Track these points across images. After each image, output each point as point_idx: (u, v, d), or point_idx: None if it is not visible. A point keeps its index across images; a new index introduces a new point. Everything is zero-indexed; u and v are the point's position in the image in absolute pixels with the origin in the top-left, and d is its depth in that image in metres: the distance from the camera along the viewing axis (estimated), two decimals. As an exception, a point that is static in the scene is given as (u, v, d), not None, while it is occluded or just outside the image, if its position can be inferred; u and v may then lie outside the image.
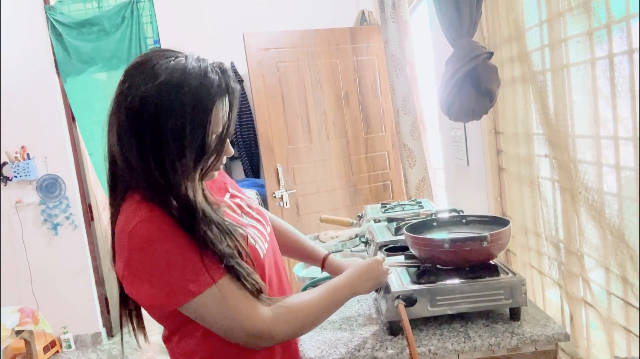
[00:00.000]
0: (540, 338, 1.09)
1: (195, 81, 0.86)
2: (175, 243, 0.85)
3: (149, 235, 0.85)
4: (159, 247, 0.85)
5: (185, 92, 0.85)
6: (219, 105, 0.88)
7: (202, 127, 0.87)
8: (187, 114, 0.85)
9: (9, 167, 3.79)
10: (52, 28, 3.74)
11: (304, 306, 0.97)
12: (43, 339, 3.68)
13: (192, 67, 0.87)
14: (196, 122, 0.86)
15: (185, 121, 0.85)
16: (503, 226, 1.19)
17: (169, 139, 0.85)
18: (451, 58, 1.44)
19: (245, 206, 1.11)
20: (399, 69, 2.75)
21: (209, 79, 0.87)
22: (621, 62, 1.02)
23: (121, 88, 0.89)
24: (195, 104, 0.85)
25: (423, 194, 2.71)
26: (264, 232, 1.09)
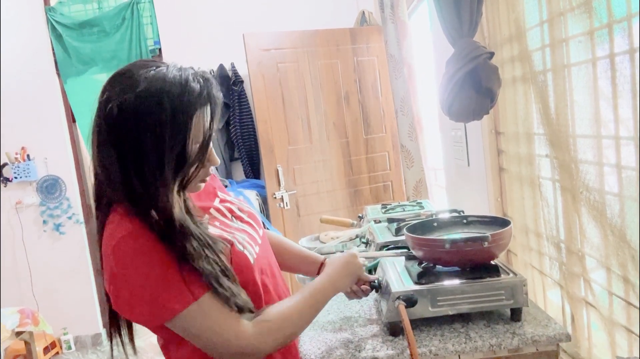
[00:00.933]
0: (542, 339, 1.08)
1: (175, 89, 0.84)
2: (156, 259, 0.84)
3: (130, 251, 0.84)
4: (140, 264, 0.83)
5: (164, 100, 0.83)
6: (199, 114, 0.87)
7: (182, 136, 0.85)
8: (166, 122, 0.83)
9: (9, 168, 3.79)
10: (52, 29, 3.74)
11: (288, 314, 0.95)
12: (43, 341, 3.67)
13: (172, 75, 0.86)
14: (176, 130, 0.84)
15: (165, 129, 0.83)
16: (504, 226, 1.18)
17: (148, 148, 0.83)
18: (452, 58, 1.44)
19: (236, 209, 1.10)
20: (397, 70, 2.75)
21: (190, 87, 0.86)
22: (622, 61, 1.01)
23: (100, 99, 0.87)
24: (175, 112, 0.84)
25: (420, 195, 2.71)
26: (255, 236, 1.07)
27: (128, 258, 0.84)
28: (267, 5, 3.73)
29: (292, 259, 1.30)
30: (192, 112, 0.86)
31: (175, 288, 0.84)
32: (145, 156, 0.84)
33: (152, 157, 0.84)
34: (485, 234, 1.12)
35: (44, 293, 3.89)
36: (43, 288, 3.90)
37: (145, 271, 0.84)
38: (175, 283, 0.84)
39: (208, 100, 0.88)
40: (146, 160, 0.84)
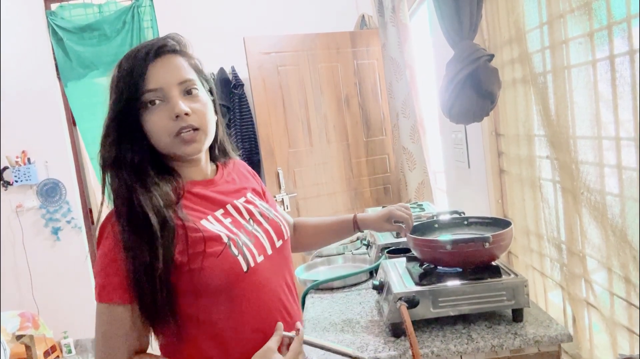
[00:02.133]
0: (543, 339, 1.09)
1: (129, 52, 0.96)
2: (108, 250, 0.88)
3: (100, 234, 0.91)
4: (101, 248, 0.90)
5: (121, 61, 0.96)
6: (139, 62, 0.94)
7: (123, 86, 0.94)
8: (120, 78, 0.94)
9: (9, 172, 3.79)
10: (53, 33, 3.75)
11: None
12: (43, 344, 3.67)
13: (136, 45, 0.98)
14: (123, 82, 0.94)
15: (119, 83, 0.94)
16: (505, 227, 1.18)
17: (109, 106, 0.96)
18: (452, 60, 1.44)
19: (258, 213, 1.06)
20: (398, 73, 2.76)
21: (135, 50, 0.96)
22: (622, 62, 1.02)
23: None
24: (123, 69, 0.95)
25: (423, 197, 2.71)
26: (265, 245, 1.01)
27: (100, 240, 0.91)
28: (268, 9, 3.74)
29: (323, 233, 1.34)
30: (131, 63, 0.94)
31: (110, 283, 0.87)
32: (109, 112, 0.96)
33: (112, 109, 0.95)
34: (486, 235, 1.12)
35: (45, 296, 3.89)
36: (43, 291, 3.89)
37: (101, 257, 0.89)
38: (110, 280, 0.88)
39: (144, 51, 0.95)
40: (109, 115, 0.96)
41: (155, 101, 0.93)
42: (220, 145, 1.11)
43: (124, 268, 0.87)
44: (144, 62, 0.93)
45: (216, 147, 1.09)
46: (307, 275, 1.76)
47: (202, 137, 0.96)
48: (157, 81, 0.93)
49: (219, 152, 1.11)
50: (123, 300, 0.87)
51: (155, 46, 0.94)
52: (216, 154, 1.10)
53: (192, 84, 0.96)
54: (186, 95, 0.95)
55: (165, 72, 0.94)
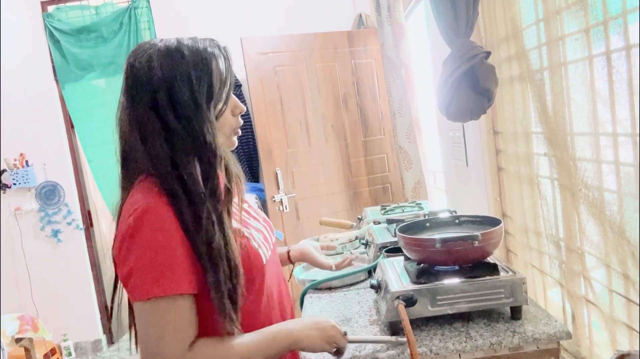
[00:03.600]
0: (542, 337, 1.08)
1: (190, 42, 0.93)
2: (164, 240, 0.85)
3: (147, 222, 0.85)
4: (149, 237, 0.85)
5: (184, 50, 0.91)
6: (215, 62, 0.94)
7: (206, 77, 0.91)
8: (190, 67, 0.90)
9: (7, 174, 3.79)
10: (50, 35, 3.75)
11: (233, 353, 0.89)
12: (43, 347, 3.66)
13: (182, 38, 0.95)
14: (200, 73, 0.91)
15: (190, 73, 0.90)
16: (494, 225, 1.18)
17: (180, 92, 0.90)
18: (448, 58, 1.44)
19: (253, 212, 1.13)
20: (394, 72, 2.76)
21: (201, 42, 0.94)
22: (619, 58, 1.01)
23: (125, 65, 0.94)
24: (195, 59, 0.91)
25: (419, 196, 2.71)
26: (269, 240, 1.09)
27: (140, 229, 0.85)
28: (264, 9, 3.74)
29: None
30: (209, 58, 0.93)
31: (166, 274, 0.84)
32: (179, 94, 0.90)
33: (186, 97, 0.90)
34: (475, 233, 1.11)
35: (44, 299, 3.88)
36: (43, 294, 3.89)
37: (148, 247, 0.84)
38: (166, 270, 0.84)
39: (221, 54, 0.95)
40: (181, 97, 0.90)
41: (229, 95, 0.97)
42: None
43: (186, 256, 0.86)
44: (225, 60, 0.96)
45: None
46: (305, 275, 1.75)
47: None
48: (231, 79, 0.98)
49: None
50: (188, 289, 0.86)
51: (223, 47, 0.98)
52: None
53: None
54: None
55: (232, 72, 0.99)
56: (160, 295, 0.84)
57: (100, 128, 3.91)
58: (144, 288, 0.84)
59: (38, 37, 3.75)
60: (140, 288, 0.85)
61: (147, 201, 0.86)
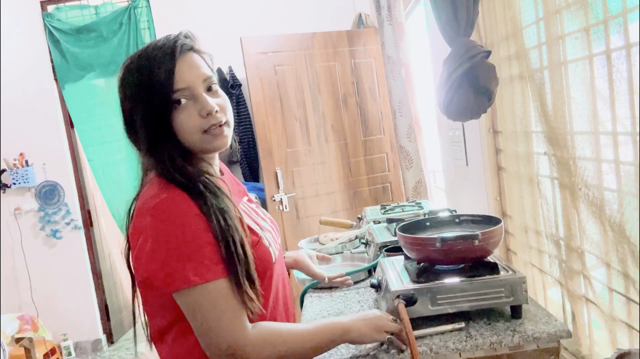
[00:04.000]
0: (543, 336, 1.08)
1: (147, 47, 0.95)
2: (192, 228, 0.86)
3: (171, 212, 0.86)
4: (175, 226, 0.85)
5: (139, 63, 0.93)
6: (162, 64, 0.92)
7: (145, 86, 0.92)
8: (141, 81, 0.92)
9: (7, 174, 3.78)
10: (49, 35, 3.75)
11: (289, 337, 0.93)
12: (43, 347, 3.65)
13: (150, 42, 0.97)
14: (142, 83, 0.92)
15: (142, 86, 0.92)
16: (495, 224, 1.18)
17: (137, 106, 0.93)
18: (449, 57, 1.44)
19: (261, 213, 1.16)
20: (395, 71, 2.76)
21: (156, 43, 0.95)
22: (619, 57, 1.01)
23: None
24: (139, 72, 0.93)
25: (420, 196, 2.71)
26: (277, 240, 1.12)
27: (166, 217, 0.86)
28: (264, 8, 3.74)
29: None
30: (153, 64, 0.92)
31: (200, 260, 0.85)
32: (129, 117, 0.95)
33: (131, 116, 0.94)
34: (476, 232, 1.11)
35: (44, 299, 3.88)
36: (42, 294, 3.89)
37: (177, 234, 0.85)
38: (200, 256, 0.86)
39: (166, 50, 0.93)
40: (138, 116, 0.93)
41: (181, 100, 0.93)
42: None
43: (211, 242, 0.87)
44: (169, 62, 0.92)
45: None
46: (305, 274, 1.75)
47: (228, 131, 0.99)
48: (184, 80, 0.93)
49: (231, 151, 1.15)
50: (223, 273, 0.87)
51: (174, 45, 0.94)
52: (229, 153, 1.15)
53: (212, 80, 0.97)
54: (208, 92, 0.96)
55: (189, 70, 0.94)
56: (200, 282, 0.85)
57: (100, 128, 3.91)
58: (181, 277, 0.85)
59: (38, 36, 3.75)
60: (177, 278, 0.85)
61: (165, 195, 0.88)
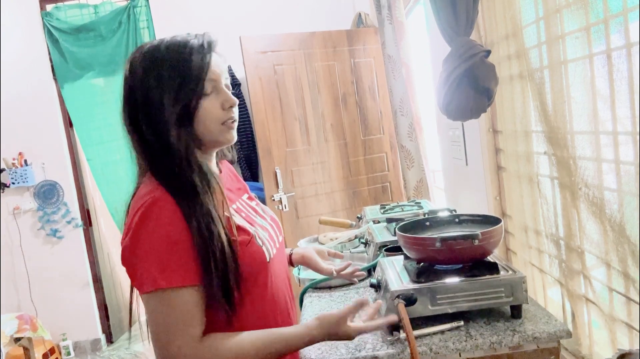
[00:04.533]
0: (542, 335, 1.08)
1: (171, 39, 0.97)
2: (168, 234, 0.87)
3: (152, 217, 0.88)
4: (154, 233, 0.87)
5: (161, 50, 0.95)
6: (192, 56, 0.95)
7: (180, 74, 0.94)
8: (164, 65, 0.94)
9: (6, 174, 3.78)
10: (48, 34, 3.74)
11: (236, 350, 0.90)
12: (42, 346, 3.65)
13: (172, 37, 0.98)
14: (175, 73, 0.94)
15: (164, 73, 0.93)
16: (494, 224, 1.18)
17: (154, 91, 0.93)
18: (448, 57, 1.43)
19: (260, 210, 1.16)
20: (395, 71, 2.75)
21: (184, 39, 0.97)
22: (619, 56, 1.01)
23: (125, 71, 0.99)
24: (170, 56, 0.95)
25: (421, 195, 2.71)
26: (275, 238, 1.10)
27: (148, 222, 0.88)
28: (264, 8, 3.73)
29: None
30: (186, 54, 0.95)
31: (171, 266, 0.87)
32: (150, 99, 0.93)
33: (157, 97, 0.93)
34: (476, 232, 1.11)
35: (43, 298, 3.88)
36: (41, 293, 3.88)
37: (154, 240, 0.87)
38: (173, 261, 0.87)
39: (201, 46, 0.97)
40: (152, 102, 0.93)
41: (209, 91, 0.97)
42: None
43: (190, 248, 0.88)
44: (206, 53, 0.97)
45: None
46: (305, 274, 1.75)
47: (236, 127, 1.03)
48: (214, 72, 0.97)
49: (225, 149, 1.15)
50: (193, 281, 0.88)
51: (207, 40, 0.98)
52: (224, 151, 1.16)
53: (228, 79, 1.03)
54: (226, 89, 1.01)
55: (217, 64, 0.99)
56: (165, 287, 0.86)
57: (99, 127, 3.90)
58: (150, 279, 0.86)
59: (37, 36, 3.74)
60: (146, 280, 0.87)
61: (153, 195, 0.90)
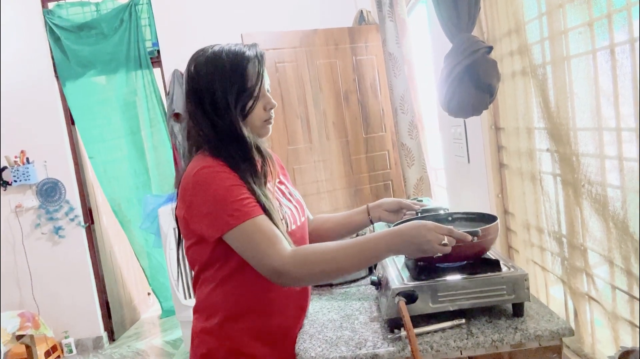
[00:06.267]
0: (545, 334, 1.07)
1: (232, 51, 1.18)
2: (225, 184, 1.09)
3: (206, 177, 1.09)
4: (212, 187, 1.08)
5: (223, 58, 1.16)
6: (250, 66, 1.17)
7: (239, 79, 1.15)
8: (227, 71, 1.15)
9: (8, 172, 3.78)
10: (50, 32, 3.74)
11: (327, 252, 1.07)
12: (44, 344, 3.66)
13: (230, 45, 1.20)
14: (235, 76, 1.15)
15: (226, 76, 1.15)
16: (489, 222, 1.17)
17: (217, 90, 1.14)
18: (450, 53, 1.42)
19: (287, 193, 1.33)
20: (397, 68, 2.74)
21: (241, 49, 1.18)
22: (623, 52, 1.00)
23: (185, 78, 1.21)
24: (231, 64, 1.15)
25: (422, 193, 2.69)
26: (297, 217, 1.28)
27: (203, 181, 1.09)
28: (265, 5, 3.72)
29: (340, 224, 1.48)
30: (244, 62, 1.16)
31: (235, 207, 1.07)
32: (216, 96, 1.15)
33: (221, 95, 1.15)
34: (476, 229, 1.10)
35: (45, 296, 3.89)
36: (44, 291, 3.89)
37: (214, 193, 1.08)
38: (235, 203, 1.07)
39: (255, 57, 1.18)
40: (217, 98, 1.15)
41: (259, 95, 1.18)
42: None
43: (247, 192, 1.10)
44: (258, 65, 1.18)
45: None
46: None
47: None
48: (266, 81, 1.21)
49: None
50: (258, 213, 1.09)
51: (259, 53, 1.20)
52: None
53: (268, 83, 1.24)
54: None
55: (265, 74, 1.21)
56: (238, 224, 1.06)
57: (101, 125, 3.91)
58: (224, 222, 1.07)
59: (38, 34, 3.75)
60: (221, 223, 1.07)
61: (203, 163, 1.12)
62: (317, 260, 1.06)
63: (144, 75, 3.82)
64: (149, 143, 3.95)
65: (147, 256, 4.12)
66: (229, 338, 1.18)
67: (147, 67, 3.78)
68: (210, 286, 1.19)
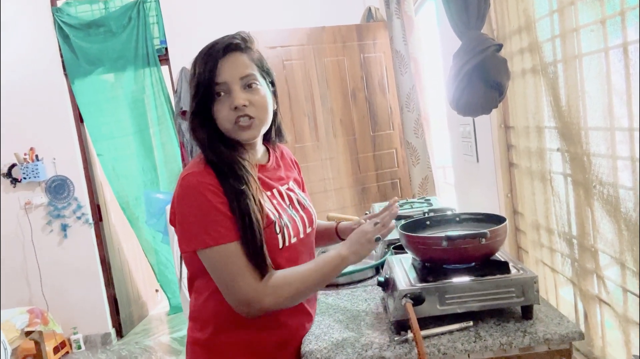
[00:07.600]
0: (554, 337, 1.05)
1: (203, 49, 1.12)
2: (208, 199, 1.03)
3: (191, 186, 1.05)
4: (194, 199, 1.04)
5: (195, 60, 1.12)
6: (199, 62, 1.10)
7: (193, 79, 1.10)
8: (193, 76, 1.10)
9: (17, 169, 3.81)
10: (59, 30, 3.75)
11: (295, 278, 1.07)
12: (53, 340, 3.69)
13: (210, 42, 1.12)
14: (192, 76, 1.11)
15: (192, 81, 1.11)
16: (497, 223, 1.16)
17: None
18: (459, 51, 1.41)
19: (296, 201, 1.24)
20: (403, 66, 2.72)
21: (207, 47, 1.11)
22: (636, 50, 0.98)
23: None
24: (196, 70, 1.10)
25: (427, 192, 2.68)
26: (300, 229, 1.20)
27: (184, 193, 1.05)
28: (273, 3, 3.71)
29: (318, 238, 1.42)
30: (197, 59, 1.11)
31: (214, 226, 1.03)
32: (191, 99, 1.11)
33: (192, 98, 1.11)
34: (484, 231, 1.09)
35: (54, 292, 3.91)
36: (52, 287, 3.92)
37: (196, 205, 1.04)
38: (215, 223, 1.03)
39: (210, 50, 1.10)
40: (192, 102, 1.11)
41: (220, 93, 1.08)
42: (277, 129, 1.26)
43: (227, 213, 1.04)
44: (215, 59, 1.08)
45: (273, 130, 1.24)
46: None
47: (258, 125, 1.12)
48: (223, 76, 1.08)
49: (275, 135, 1.26)
50: (234, 238, 1.04)
51: (223, 44, 1.09)
52: (272, 137, 1.25)
53: (252, 79, 1.10)
54: (247, 89, 1.10)
55: (230, 68, 1.08)
56: (214, 244, 1.03)
57: (109, 123, 3.92)
58: (201, 239, 1.03)
59: (47, 31, 3.76)
60: (198, 240, 1.04)
61: (193, 168, 1.07)
62: (287, 286, 1.06)
63: (152, 73, 3.82)
64: (157, 141, 3.95)
65: (155, 253, 4.13)
66: (221, 353, 1.14)
67: (155, 64, 3.78)
68: (203, 296, 1.15)
